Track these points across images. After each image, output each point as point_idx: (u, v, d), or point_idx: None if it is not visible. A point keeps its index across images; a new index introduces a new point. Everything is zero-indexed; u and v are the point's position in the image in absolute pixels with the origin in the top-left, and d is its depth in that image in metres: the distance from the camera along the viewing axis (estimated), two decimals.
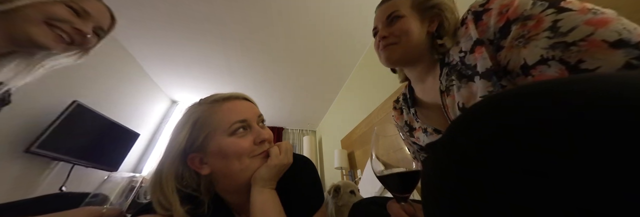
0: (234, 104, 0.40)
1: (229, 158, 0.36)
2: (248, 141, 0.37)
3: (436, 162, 0.17)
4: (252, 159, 0.38)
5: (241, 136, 0.37)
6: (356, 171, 1.64)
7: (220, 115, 0.38)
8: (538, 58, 0.26)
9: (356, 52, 1.82)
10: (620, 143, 0.09)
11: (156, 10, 1.40)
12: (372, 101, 1.54)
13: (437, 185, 0.16)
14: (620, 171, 0.09)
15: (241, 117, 0.38)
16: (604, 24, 0.23)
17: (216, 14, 1.44)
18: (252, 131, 0.39)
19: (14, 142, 1.09)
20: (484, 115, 0.15)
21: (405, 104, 0.53)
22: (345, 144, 1.94)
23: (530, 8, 0.28)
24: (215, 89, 2.28)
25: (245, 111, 0.40)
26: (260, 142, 0.39)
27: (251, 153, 0.37)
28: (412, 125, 0.51)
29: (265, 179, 0.37)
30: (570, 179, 0.10)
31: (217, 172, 0.37)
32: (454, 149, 0.15)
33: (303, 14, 1.46)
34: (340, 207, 0.82)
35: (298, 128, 3.25)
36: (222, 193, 0.40)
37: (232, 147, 0.36)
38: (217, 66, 1.97)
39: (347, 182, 0.93)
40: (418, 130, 0.49)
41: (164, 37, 1.63)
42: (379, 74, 1.51)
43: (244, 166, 0.37)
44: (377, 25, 0.48)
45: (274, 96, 2.46)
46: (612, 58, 0.21)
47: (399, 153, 0.30)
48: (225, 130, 0.36)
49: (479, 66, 0.32)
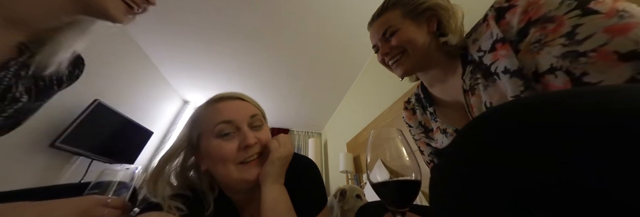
0: (225, 104, 0.39)
1: (215, 161, 0.36)
2: (232, 145, 0.36)
3: (443, 170, 0.16)
4: (238, 167, 0.36)
5: (227, 139, 0.36)
6: (361, 175, 1.64)
7: (208, 115, 0.38)
8: (548, 67, 0.25)
9: (364, 54, 1.83)
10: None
11: (172, 16, 1.46)
12: (379, 104, 1.54)
13: (444, 193, 0.16)
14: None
15: (227, 117, 0.36)
16: (623, 31, 0.21)
17: (228, 17, 1.49)
18: (240, 134, 0.37)
19: (40, 137, 1.17)
20: (493, 124, 0.14)
21: (418, 104, 0.51)
22: (351, 147, 1.93)
23: (556, 8, 0.25)
24: (225, 89, 2.30)
25: (234, 111, 0.38)
26: (245, 147, 0.36)
27: (235, 159, 0.36)
28: (427, 126, 0.49)
29: (273, 175, 0.37)
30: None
31: (211, 172, 0.38)
32: (461, 157, 0.15)
33: (312, 18, 1.49)
34: (346, 211, 0.82)
35: (304, 130, 3.26)
36: (224, 190, 0.40)
37: (215, 151, 0.35)
38: (228, 68, 2.03)
39: (353, 186, 0.93)
40: (436, 131, 0.47)
41: (180, 41, 1.70)
42: (387, 77, 1.51)
43: (228, 172, 0.35)
44: (375, 43, 0.47)
45: (281, 97, 2.50)
46: (618, 72, 0.21)
47: (397, 160, 0.26)
48: (211, 131, 0.36)
49: (507, 65, 0.30)
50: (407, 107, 0.56)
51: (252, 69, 2.03)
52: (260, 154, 0.39)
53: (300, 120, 3.02)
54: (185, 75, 2.15)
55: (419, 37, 0.41)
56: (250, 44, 1.73)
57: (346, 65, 1.96)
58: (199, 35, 1.65)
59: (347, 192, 0.87)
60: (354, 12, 1.44)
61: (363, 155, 1.66)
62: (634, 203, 0.09)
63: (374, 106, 1.64)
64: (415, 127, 0.52)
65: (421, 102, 0.50)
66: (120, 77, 1.64)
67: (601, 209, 0.10)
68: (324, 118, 2.94)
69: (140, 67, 1.85)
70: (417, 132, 0.53)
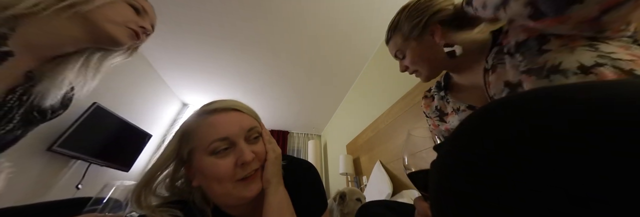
0: (219, 118, 0.36)
1: (209, 180, 0.33)
2: (228, 163, 0.33)
3: (441, 165, 0.16)
4: (236, 184, 0.33)
5: (222, 156, 0.33)
6: (362, 178, 1.63)
7: (201, 130, 0.35)
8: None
9: (363, 56, 1.84)
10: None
11: (172, 19, 1.47)
12: (378, 106, 1.54)
13: (443, 187, 0.15)
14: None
15: (222, 135, 0.33)
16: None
17: (227, 20, 1.50)
18: (236, 150, 0.34)
19: (37, 141, 1.16)
20: (494, 120, 0.14)
21: (437, 91, 0.54)
22: (351, 149, 1.93)
23: None
24: (224, 92, 2.34)
25: (229, 127, 0.35)
26: (242, 164, 0.34)
27: (233, 177, 0.33)
28: (443, 110, 0.51)
29: (276, 175, 0.36)
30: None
31: (203, 188, 0.36)
32: (460, 154, 0.14)
33: (311, 20, 1.50)
34: (346, 214, 0.81)
35: (303, 132, 3.26)
36: (220, 207, 0.38)
37: (210, 169, 0.33)
38: (227, 70, 2.03)
39: (353, 189, 0.93)
40: (451, 114, 0.48)
41: (179, 43, 1.71)
42: (386, 79, 1.51)
43: (226, 191, 0.33)
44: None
45: (280, 99, 2.50)
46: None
47: (430, 154, 0.29)
48: (205, 148, 0.33)
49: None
50: (427, 95, 0.58)
51: (251, 71, 2.04)
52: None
53: (299, 122, 3.01)
54: (184, 78, 2.15)
55: (426, 55, 0.44)
56: (249, 47, 1.74)
57: (345, 67, 1.97)
58: (198, 37, 1.65)
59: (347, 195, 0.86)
60: (353, 15, 1.46)
61: (363, 157, 1.66)
62: None
63: (373, 108, 1.64)
64: (432, 112, 0.54)
65: (440, 89, 0.53)
66: (119, 80, 1.64)
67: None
68: (324, 120, 2.94)
69: (139, 70, 1.85)
70: (433, 120, 0.55)
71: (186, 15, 1.46)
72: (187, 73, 2.08)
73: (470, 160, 0.13)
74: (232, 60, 1.89)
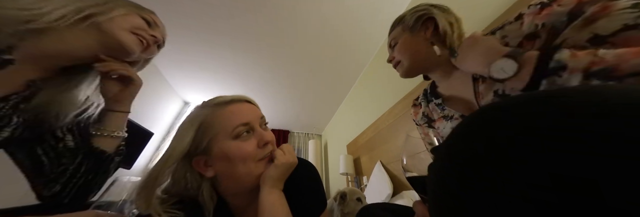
0: (237, 106, 0.40)
1: (234, 162, 0.36)
2: (252, 144, 0.38)
3: (438, 168, 0.16)
4: (257, 163, 0.38)
5: (245, 139, 0.37)
6: (362, 178, 1.62)
7: (223, 118, 0.38)
8: (620, 26, 0.24)
9: (364, 56, 1.83)
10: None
11: (173, 18, 1.48)
12: (379, 106, 1.54)
13: (439, 190, 0.15)
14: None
15: (244, 120, 0.38)
16: None
17: (229, 20, 1.50)
18: (255, 134, 0.39)
19: None
20: (486, 123, 0.14)
21: (424, 98, 0.56)
22: (351, 149, 1.92)
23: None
24: (225, 91, 2.34)
25: (248, 114, 0.40)
26: (264, 144, 0.39)
27: (256, 156, 0.38)
28: (430, 116, 0.52)
29: (275, 179, 0.38)
30: None
31: (221, 175, 0.37)
32: (458, 154, 0.14)
33: (313, 20, 1.50)
34: (347, 214, 0.81)
35: (304, 132, 3.26)
36: (225, 195, 0.40)
37: (236, 151, 0.36)
38: (229, 69, 2.03)
39: (353, 189, 0.93)
40: (439, 120, 0.49)
41: (181, 42, 1.71)
42: (387, 79, 1.51)
43: (249, 170, 0.37)
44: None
45: (281, 99, 2.50)
46: None
47: (429, 155, 0.31)
48: (228, 133, 0.36)
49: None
50: (415, 103, 0.60)
51: (253, 70, 2.04)
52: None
53: (300, 122, 3.02)
54: (186, 76, 2.16)
55: (413, 47, 0.47)
56: (251, 45, 1.74)
57: (347, 66, 1.97)
58: (200, 36, 1.66)
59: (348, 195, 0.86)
60: (354, 15, 1.45)
61: (363, 157, 1.66)
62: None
63: (374, 108, 1.64)
64: (419, 119, 0.56)
65: (427, 97, 0.54)
66: None
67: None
68: (325, 120, 2.94)
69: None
70: (422, 127, 0.56)
71: (189, 15, 1.46)
72: (189, 72, 2.09)
73: (463, 162, 0.14)
74: (234, 58, 1.89)
